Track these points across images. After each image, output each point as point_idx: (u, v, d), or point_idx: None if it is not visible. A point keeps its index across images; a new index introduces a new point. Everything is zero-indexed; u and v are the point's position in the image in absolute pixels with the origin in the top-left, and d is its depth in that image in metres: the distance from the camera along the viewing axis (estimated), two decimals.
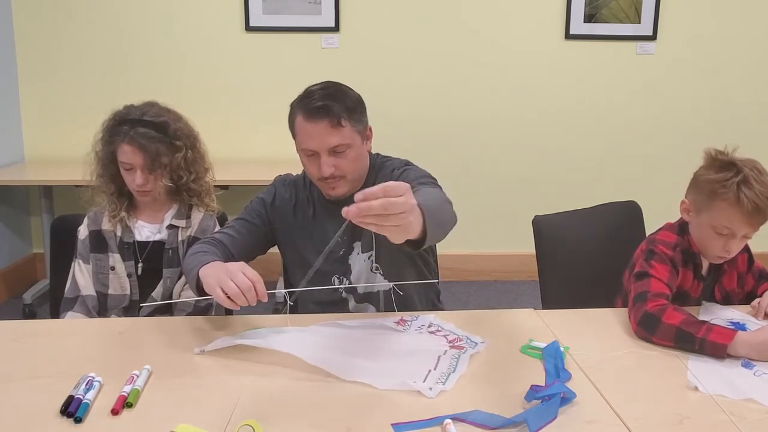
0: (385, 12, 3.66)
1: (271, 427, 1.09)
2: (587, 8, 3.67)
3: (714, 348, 1.34)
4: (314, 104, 1.55)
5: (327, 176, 1.57)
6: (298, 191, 1.73)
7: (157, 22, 3.63)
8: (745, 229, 1.53)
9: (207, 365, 1.32)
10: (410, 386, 1.21)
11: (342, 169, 1.58)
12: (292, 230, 1.72)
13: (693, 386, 1.23)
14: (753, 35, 3.76)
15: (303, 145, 1.59)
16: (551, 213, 1.99)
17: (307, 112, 1.56)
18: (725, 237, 1.54)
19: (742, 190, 1.48)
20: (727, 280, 1.70)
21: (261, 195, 1.74)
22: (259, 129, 3.74)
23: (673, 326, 1.39)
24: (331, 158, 1.56)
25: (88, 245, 1.77)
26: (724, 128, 3.81)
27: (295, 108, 1.61)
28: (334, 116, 1.54)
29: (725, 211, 1.51)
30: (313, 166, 1.59)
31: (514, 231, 2.13)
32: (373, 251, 1.67)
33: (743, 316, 1.58)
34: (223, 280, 1.31)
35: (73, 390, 1.17)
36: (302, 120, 1.57)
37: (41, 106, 3.68)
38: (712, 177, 1.54)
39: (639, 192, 2.46)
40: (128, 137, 1.67)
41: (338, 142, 1.55)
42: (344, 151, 1.57)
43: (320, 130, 1.54)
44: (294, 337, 1.41)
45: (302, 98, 1.61)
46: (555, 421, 1.11)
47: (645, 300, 1.48)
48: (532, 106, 3.80)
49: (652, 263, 1.57)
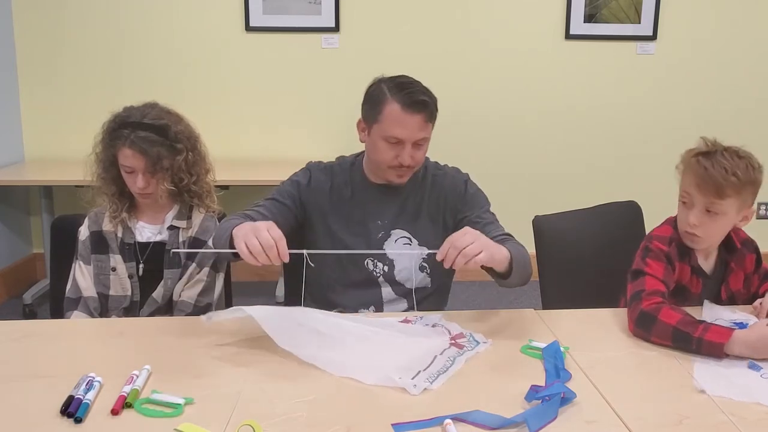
0: (385, 12, 3.66)
1: (271, 427, 1.09)
2: (587, 8, 3.67)
3: (711, 347, 1.34)
4: (416, 97, 1.61)
5: (407, 165, 1.64)
6: (335, 175, 1.77)
7: (157, 22, 3.62)
8: (700, 198, 1.54)
9: (207, 365, 1.32)
10: (395, 382, 1.22)
11: (416, 161, 1.67)
12: (326, 212, 1.75)
13: (700, 389, 1.23)
14: (753, 35, 3.76)
15: (390, 132, 1.62)
16: (551, 213, 1.99)
17: (408, 103, 1.61)
18: (687, 207, 1.57)
19: (700, 158, 1.55)
20: (734, 279, 1.68)
21: (295, 177, 1.78)
22: (260, 129, 3.74)
23: (670, 325, 1.40)
24: (414, 149, 1.64)
25: (89, 246, 1.77)
26: (724, 128, 3.77)
27: (388, 96, 1.63)
28: (429, 111, 1.63)
29: (686, 177, 1.58)
30: (391, 152, 1.64)
31: (514, 231, 2.10)
32: (424, 248, 1.70)
33: (746, 317, 1.57)
34: (249, 236, 1.35)
35: (73, 390, 1.17)
36: (399, 109, 1.61)
37: (41, 106, 3.68)
38: (687, 151, 1.61)
39: (639, 192, 2.46)
40: (129, 141, 1.66)
41: (424, 135, 1.65)
42: (423, 145, 1.67)
43: (416, 122, 1.62)
44: (294, 325, 1.39)
45: (397, 87, 1.63)
46: (555, 421, 1.11)
47: (640, 299, 1.49)
48: (532, 106, 3.80)
49: (647, 261, 1.57)
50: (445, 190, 1.76)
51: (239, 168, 3.39)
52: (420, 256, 1.74)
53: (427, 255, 1.56)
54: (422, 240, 1.74)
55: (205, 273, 1.78)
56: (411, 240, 1.74)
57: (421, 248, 1.70)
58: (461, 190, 1.76)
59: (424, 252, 1.59)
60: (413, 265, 1.72)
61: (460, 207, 1.75)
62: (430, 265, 1.74)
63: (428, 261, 1.74)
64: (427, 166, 1.80)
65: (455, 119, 3.78)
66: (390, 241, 1.74)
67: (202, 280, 1.77)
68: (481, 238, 1.40)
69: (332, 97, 3.69)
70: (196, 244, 1.78)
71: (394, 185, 1.72)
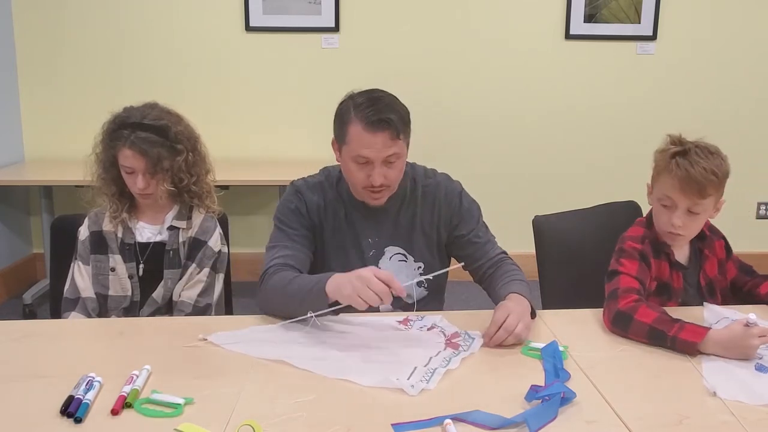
0: (385, 12, 3.66)
1: (271, 427, 1.09)
2: (587, 8, 3.67)
3: (684, 345, 1.37)
4: (377, 116, 1.56)
5: (378, 185, 1.59)
6: (326, 193, 1.72)
7: (157, 22, 3.62)
8: (683, 200, 1.56)
9: (207, 365, 1.32)
10: (393, 383, 1.22)
11: (390, 179, 1.61)
12: (321, 230, 1.71)
13: (711, 392, 1.22)
14: (753, 35, 3.76)
15: (357, 153, 1.58)
16: (551, 213, 1.99)
17: (369, 123, 1.56)
18: (668, 210, 1.59)
19: (677, 159, 1.56)
20: (709, 266, 1.72)
21: (290, 206, 1.69)
22: (260, 129, 3.74)
23: (645, 324, 1.42)
24: (384, 168, 1.59)
25: (89, 246, 1.77)
26: (724, 128, 3.80)
27: (352, 116, 1.59)
28: (394, 129, 1.56)
29: (665, 181, 1.58)
30: (361, 173, 1.60)
31: (514, 231, 2.11)
32: (421, 263, 1.71)
33: (746, 317, 1.57)
34: (360, 288, 1.33)
35: (73, 390, 1.17)
36: (362, 129, 1.56)
37: (41, 106, 3.68)
38: (659, 151, 1.62)
39: (639, 192, 2.44)
40: (129, 141, 1.66)
41: (393, 151, 1.58)
42: (394, 162, 1.60)
43: (380, 141, 1.56)
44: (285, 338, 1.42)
45: (359, 107, 1.58)
46: (555, 421, 1.11)
47: (616, 297, 1.51)
48: (532, 106, 3.80)
49: (621, 260, 1.60)
50: (438, 203, 1.72)
51: (239, 168, 3.39)
52: (417, 270, 1.71)
53: (432, 277, 1.53)
54: (418, 256, 1.71)
55: (205, 273, 1.77)
56: (406, 257, 1.71)
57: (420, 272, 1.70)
58: (456, 204, 1.73)
59: (429, 276, 1.52)
60: (413, 285, 1.67)
61: (455, 222, 1.72)
62: (427, 280, 1.67)
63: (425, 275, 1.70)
64: (415, 177, 1.74)
65: (455, 119, 3.78)
66: (384, 259, 1.70)
67: (202, 281, 1.77)
68: (518, 310, 1.43)
69: (332, 97, 3.62)
70: (196, 243, 1.78)
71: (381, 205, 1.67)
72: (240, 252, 3.00)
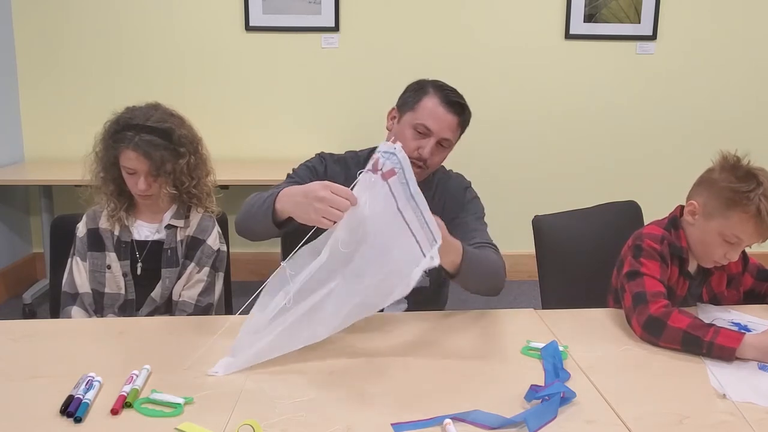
0: (385, 12, 3.66)
1: (271, 427, 1.09)
2: (587, 8, 3.67)
3: (722, 351, 1.33)
4: (456, 98, 1.67)
5: (424, 157, 1.64)
6: (348, 168, 1.75)
7: (157, 22, 3.63)
8: (755, 241, 1.53)
9: (207, 365, 1.32)
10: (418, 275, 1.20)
11: (433, 160, 1.68)
12: None
13: (721, 394, 1.22)
14: (753, 35, 3.76)
15: (422, 121, 1.64)
16: (551, 213, 1.99)
17: (448, 101, 1.66)
18: (731, 245, 1.53)
19: (764, 203, 1.47)
20: (716, 281, 1.68)
21: (310, 163, 1.76)
22: (260, 129, 3.74)
23: (680, 330, 1.38)
24: (436, 146, 1.66)
25: (86, 243, 1.77)
26: (724, 128, 3.81)
27: (431, 90, 1.67)
28: (463, 118, 1.70)
29: (742, 222, 1.50)
30: (414, 142, 1.65)
31: (513, 231, 2.11)
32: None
33: (741, 316, 1.57)
34: (323, 210, 1.27)
35: (73, 390, 1.17)
36: (438, 102, 1.65)
37: (41, 106, 3.68)
38: (734, 186, 1.51)
39: (639, 192, 2.46)
40: (133, 143, 1.66)
41: (450, 137, 1.68)
42: (445, 147, 1.70)
43: (449, 120, 1.66)
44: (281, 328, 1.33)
45: (441, 87, 1.68)
46: (555, 421, 1.11)
47: (646, 302, 1.46)
48: (532, 106, 3.80)
49: (642, 260, 1.55)
50: (447, 193, 1.78)
51: (239, 168, 3.39)
52: None
53: None
54: None
55: (205, 273, 1.77)
56: None
57: None
58: (461, 195, 1.78)
59: None
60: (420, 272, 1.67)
61: (456, 210, 1.75)
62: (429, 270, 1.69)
63: None
64: (436, 171, 1.81)
65: None
66: None
67: (202, 280, 1.77)
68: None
69: (332, 97, 3.69)
70: (194, 243, 1.78)
71: None
72: (240, 252, 3.00)
